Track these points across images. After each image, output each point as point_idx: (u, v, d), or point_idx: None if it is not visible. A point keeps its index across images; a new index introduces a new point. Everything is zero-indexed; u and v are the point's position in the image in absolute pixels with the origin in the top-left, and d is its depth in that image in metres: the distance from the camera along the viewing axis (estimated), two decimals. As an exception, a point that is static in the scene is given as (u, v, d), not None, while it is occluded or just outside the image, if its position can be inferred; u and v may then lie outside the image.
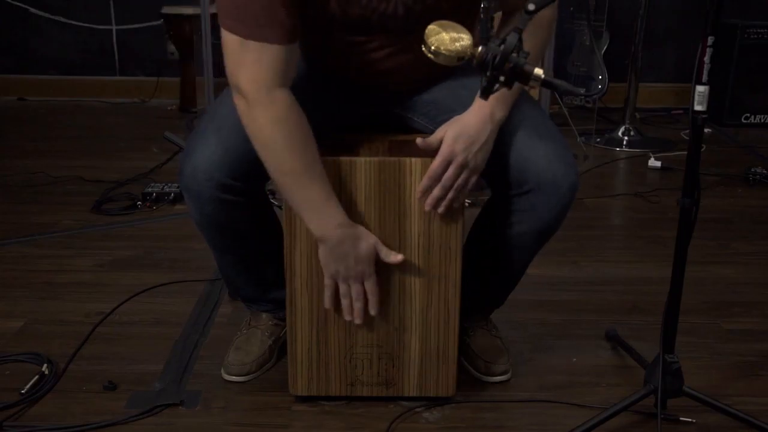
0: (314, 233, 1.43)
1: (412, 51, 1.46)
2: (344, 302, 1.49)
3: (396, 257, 1.47)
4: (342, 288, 1.48)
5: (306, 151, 1.38)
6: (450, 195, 1.43)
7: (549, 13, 1.45)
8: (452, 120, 1.43)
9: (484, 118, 1.41)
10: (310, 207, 1.41)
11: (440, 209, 1.44)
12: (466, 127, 1.40)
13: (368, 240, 1.45)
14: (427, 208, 1.44)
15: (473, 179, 1.43)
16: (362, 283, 1.47)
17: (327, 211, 1.41)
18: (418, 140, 1.42)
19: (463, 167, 1.41)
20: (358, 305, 1.49)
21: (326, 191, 1.40)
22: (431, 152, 1.42)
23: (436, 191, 1.42)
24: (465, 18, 1.33)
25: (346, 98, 1.58)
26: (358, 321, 1.50)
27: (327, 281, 1.48)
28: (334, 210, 1.41)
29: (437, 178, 1.41)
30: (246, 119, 1.36)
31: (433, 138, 1.42)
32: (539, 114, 1.55)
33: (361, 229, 1.45)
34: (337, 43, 1.48)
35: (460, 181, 1.42)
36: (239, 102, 1.36)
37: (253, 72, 1.32)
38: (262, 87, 1.33)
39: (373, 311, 1.50)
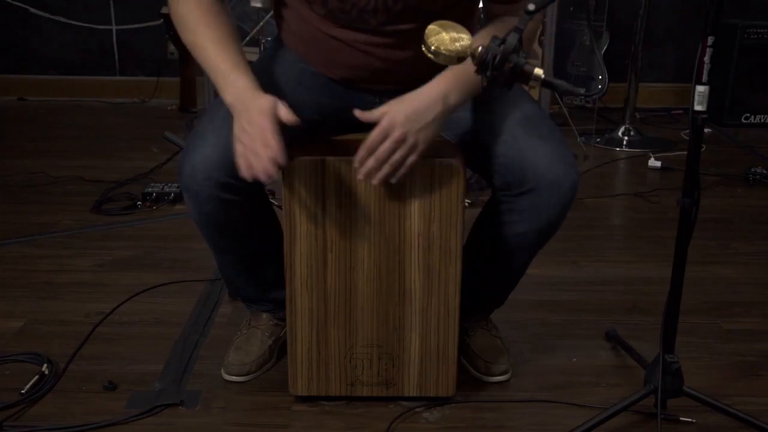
0: (226, 102, 1.39)
1: (401, 52, 1.47)
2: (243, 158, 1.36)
3: (289, 116, 1.34)
4: (238, 147, 1.36)
5: (213, 27, 1.42)
6: (384, 169, 1.37)
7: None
8: (404, 96, 1.39)
9: (435, 98, 1.38)
10: (219, 74, 1.41)
11: (373, 181, 1.38)
12: (412, 103, 1.37)
13: (269, 98, 1.36)
14: (359, 177, 1.38)
15: (412, 158, 1.38)
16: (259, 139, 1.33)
17: (233, 76, 1.39)
18: (356, 111, 1.37)
19: (399, 142, 1.36)
20: (247, 164, 1.34)
21: (231, 62, 1.40)
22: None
23: (370, 162, 1.37)
24: (456, 21, 1.33)
25: (341, 99, 1.58)
26: (258, 168, 1.33)
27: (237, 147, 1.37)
28: (238, 79, 1.39)
29: (371, 149, 1.36)
30: None
31: (378, 110, 1.37)
32: (539, 113, 1.55)
33: (268, 95, 1.37)
34: (325, 39, 1.49)
35: (396, 156, 1.36)
36: None
37: None
38: None
39: (281, 160, 1.33)
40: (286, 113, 1.34)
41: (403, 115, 1.35)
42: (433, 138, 1.39)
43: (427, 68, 1.22)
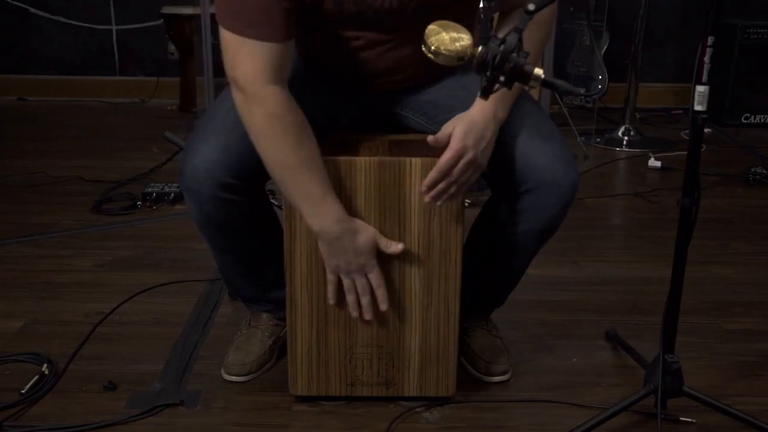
0: (313, 229, 1.43)
1: (406, 48, 1.47)
2: (349, 298, 1.49)
3: (396, 246, 1.46)
4: (346, 283, 1.48)
5: (301, 145, 1.38)
6: (453, 189, 1.42)
7: (548, 11, 1.44)
8: (458, 116, 1.42)
9: (488, 116, 1.41)
10: (307, 202, 1.41)
11: (439, 202, 1.43)
12: (474, 124, 1.40)
13: (367, 232, 1.45)
14: (427, 200, 1.43)
15: (477, 175, 1.43)
16: (366, 276, 1.47)
17: (325, 206, 1.41)
18: (429, 138, 1.42)
19: (472, 163, 1.40)
20: (365, 300, 1.48)
21: (323, 186, 1.40)
22: (439, 150, 1.41)
23: (443, 185, 1.41)
24: (461, 16, 1.33)
25: (344, 98, 1.59)
26: (367, 317, 1.50)
27: (329, 276, 1.48)
28: (331, 205, 1.41)
29: (446, 172, 1.40)
30: (243, 112, 1.38)
31: (442, 134, 1.41)
32: (539, 113, 1.55)
33: (360, 222, 1.45)
34: (332, 40, 1.48)
35: (465, 177, 1.42)
36: (237, 96, 1.37)
37: (249, 67, 1.34)
38: (257, 81, 1.34)
39: (383, 306, 1.49)
40: (386, 244, 1.46)
41: (471, 137, 1.39)
42: (491, 153, 1.44)
43: (433, 66, 1.22)
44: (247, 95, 1.35)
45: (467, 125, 1.39)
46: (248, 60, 1.34)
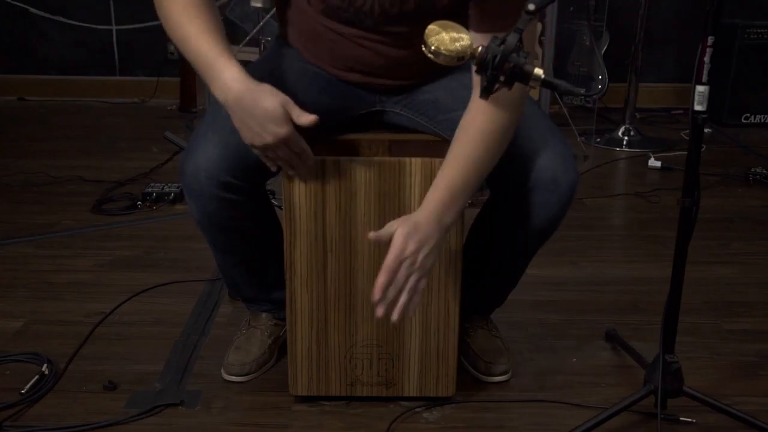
0: (218, 98, 1.36)
1: (399, 49, 1.48)
2: (282, 164, 1.41)
3: (308, 118, 1.33)
4: (270, 155, 1.38)
5: (195, 17, 1.36)
6: (403, 299, 1.33)
7: (519, 92, 1.27)
8: (402, 218, 1.36)
9: (433, 222, 1.35)
10: (204, 66, 1.36)
11: (394, 316, 1.32)
12: (417, 227, 1.33)
13: (275, 96, 1.33)
14: (379, 312, 1.32)
15: (422, 284, 1.35)
16: (285, 146, 1.36)
17: (218, 67, 1.34)
18: (371, 234, 1.35)
19: (413, 265, 1.32)
20: (290, 170, 1.41)
21: (217, 51, 1.34)
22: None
23: (391, 292, 1.31)
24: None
25: (344, 98, 1.59)
26: (302, 171, 1.42)
27: (254, 151, 1.39)
28: (225, 66, 1.34)
29: (392, 273, 1.31)
30: None
31: (384, 231, 1.34)
32: (538, 113, 1.55)
33: (268, 86, 1.34)
34: (320, 29, 1.50)
35: (411, 282, 1.33)
36: None
37: None
38: None
39: (310, 162, 1.41)
40: (297, 114, 1.33)
41: (412, 241, 1.32)
42: (435, 261, 1.38)
43: (427, 65, 1.22)
44: None
45: (409, 227, 1.32)
46: None
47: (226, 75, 1.33)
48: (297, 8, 1.53)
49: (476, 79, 1.28)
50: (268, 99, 1.32)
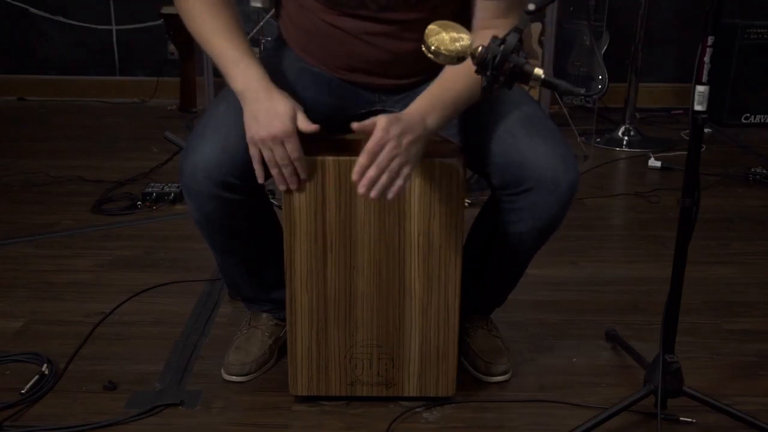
0: (236, 89, 1.43)
1: (401, 42, 1.48)
2: (273, 172, 1.43)
3: (311, 126, 1.40)
4: (266, 156, 1.41)
5: (218, 15, 1.46)
6: (383, 179, 1.34)
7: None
8: (391, 114, 1.38)
9: (416, 116, 1.38)
10: (229, 63, 1.44)
11: (373, 193, 1.35)
12: (400, 117, 1.37)
13: (288, 100, 1.41)
14: (361, 190, 1.34)
15: (406, 170, 1.36)
16: (284, 147, 1.39)
17: (242, 65, 1.43)
18: (354, 124, 1.38)
19: (396, 149, 1.35)
20: (286, 170, 1.42)
21: (243, 50, 1.45)
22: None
23: (372, 171, 1.33)
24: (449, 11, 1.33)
25: (344, 97, 1.59)
26: (292, 186, 1.44)
27: (252, 150, 1.42)
28: (249, 66, 1.43)
29: (373, 156, 1.33)
30: None
31: (368, 121, 1.37)
32: (538, 113, 1.55)
33: (285, 93, 1.43)
34: (320, 26, 1.50)
35: (393, 165, 1.34)
36: None
37: None
38: None
39: (302, 175, 1.44)
40: (303, 121, 1.40)
41: (394, 128, 1.34)
42: (420, 157, 1.39)
43: (426, 64, 1.23)
44: None
45: (392, 118, 1.36)
46: None
47: (252, 71, 1.42)
48: (297, 6, 1.53)
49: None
50: (283, 101, 1.40)
